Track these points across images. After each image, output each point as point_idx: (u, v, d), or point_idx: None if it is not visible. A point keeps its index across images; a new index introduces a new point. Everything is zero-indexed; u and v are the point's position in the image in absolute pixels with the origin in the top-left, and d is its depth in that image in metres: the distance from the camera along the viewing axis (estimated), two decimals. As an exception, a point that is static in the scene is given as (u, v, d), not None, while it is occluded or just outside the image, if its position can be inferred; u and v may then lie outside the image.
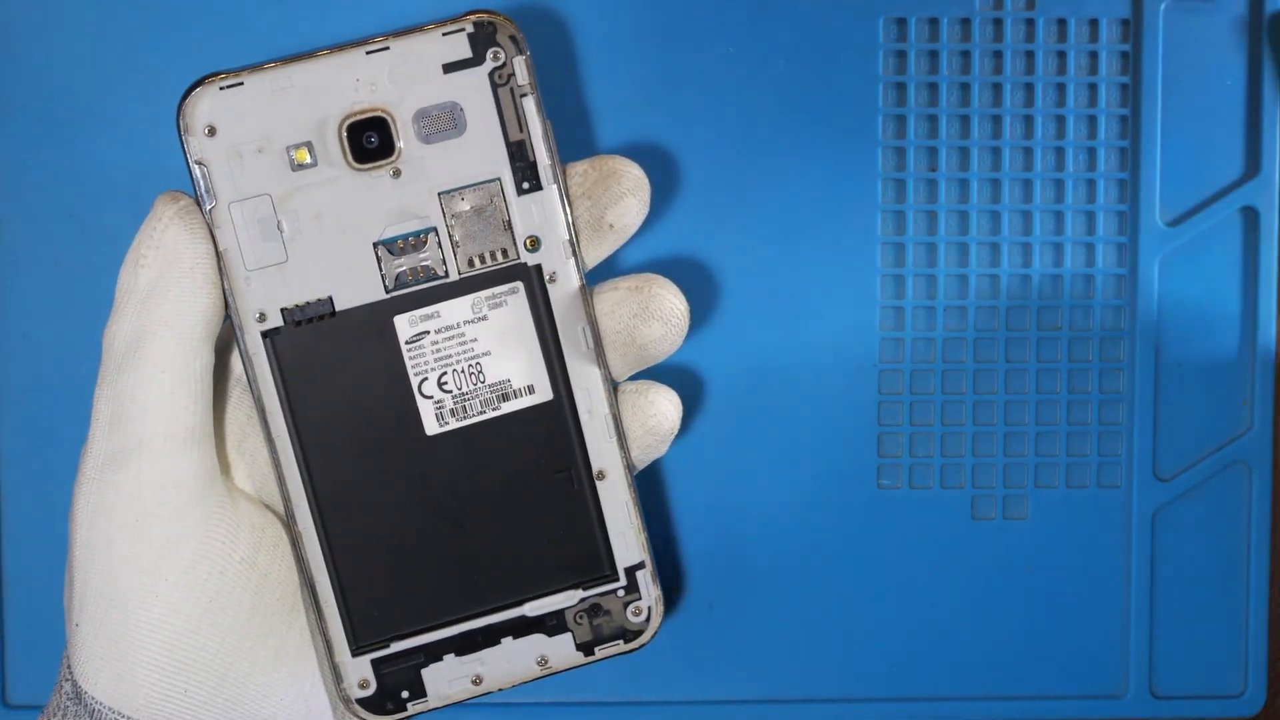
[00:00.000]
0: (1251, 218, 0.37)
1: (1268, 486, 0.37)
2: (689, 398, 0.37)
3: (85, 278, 0.36)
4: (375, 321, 0.30)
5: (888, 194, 0.37)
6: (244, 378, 0.31)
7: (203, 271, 0.29)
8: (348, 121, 0.29)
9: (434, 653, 0.32)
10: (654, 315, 0.31)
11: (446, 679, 0.32)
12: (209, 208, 0.29)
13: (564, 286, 0.31)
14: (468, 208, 0.30)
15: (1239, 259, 0.37)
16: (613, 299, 0.31)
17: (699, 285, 0.37)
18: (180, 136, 0.29)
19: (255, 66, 0.29)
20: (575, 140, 0.36)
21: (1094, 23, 0.37)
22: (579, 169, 0.31)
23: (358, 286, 0.30)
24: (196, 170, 0.29)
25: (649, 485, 0.37)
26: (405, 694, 0.32)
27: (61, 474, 0.36)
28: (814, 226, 0.37)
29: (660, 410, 0.32)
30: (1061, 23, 0.37)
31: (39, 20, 0.36)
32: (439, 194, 0.30)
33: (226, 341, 0.31)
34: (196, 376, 0.29)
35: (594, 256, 0.31)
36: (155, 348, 0.29)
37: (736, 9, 0.36)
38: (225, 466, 0.31)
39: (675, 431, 0.32)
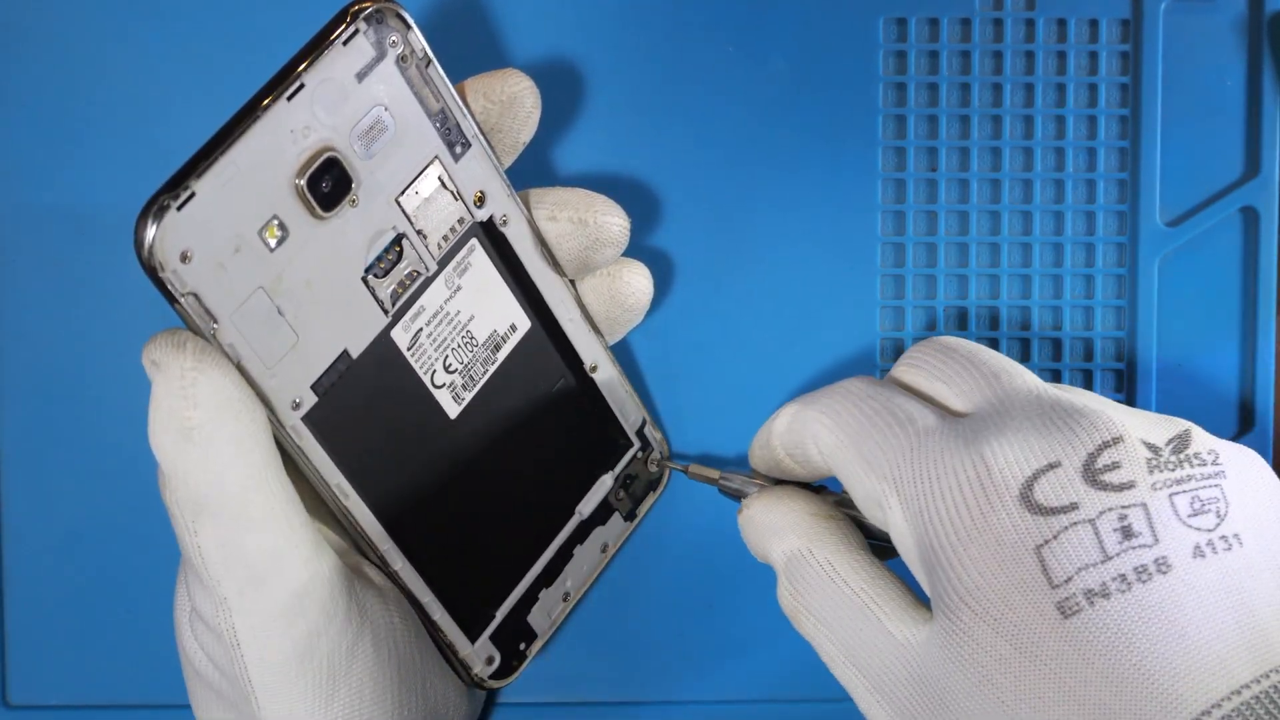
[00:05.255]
0: (1251, 218, 0.37)
1: (1268, 486, 0.37)
2: (688, 397, 0.37)
3: (85, 278, 0.36)
4: (381, 347, 0.30)
5: (888, 194, 0.37)
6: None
7: (249, 398, 0.27)
8: (305, 177, 0.27)
9: (531, 597, 0.34)
10: (605, 243, 0.32)
11: (546, 610, 0.34)
12: (212, 331, 0.27)
13: (515, 224, 0.31)
14: (423, 198, 0.29)
15: (1239, 259, 0.37)
16: (555, 231, 0.32)
17: (699, 285, 0.37)
18: (154, 278, 0.26)
19: (195, 166, 0.26)
20: (573, 140, 0.36)
21: (1094, 23, 0.37)
22: (476, 105, 0.30)
23: (363, 325, 0.29)
24: (188, 303, 0.26)
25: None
26: (522, 645, 0.34)
27: (62, 474, 0.36)
28: (814, 226, 0.36)
29: (636, 287, 0.33)
30: (1061, 23, 0.37)
31: (39, 20, 0.36)
32: (395, 200, 0.29)
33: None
34: (294, 495, 0.28)
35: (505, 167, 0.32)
36: (253, 499, 0.27)
37: (736, 9, 0.36)
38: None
39: (650, 301, 0.34)
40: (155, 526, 0.35)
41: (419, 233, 0.29)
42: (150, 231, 0.25)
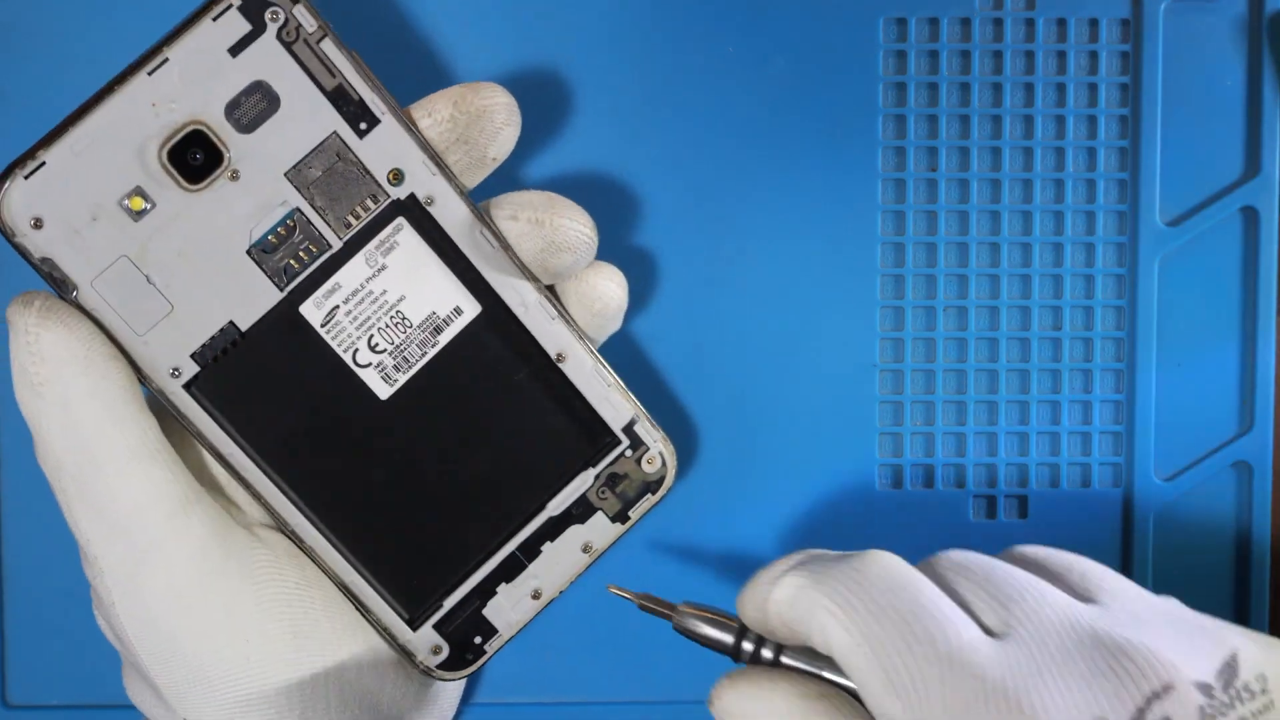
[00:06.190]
0: (1251, 218, 0.37)
1: (1268, 486, 0.37)
2: (688, 397, 0.37)
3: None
4: (285, 322, 0.30)
5: (888, 194, 0.37)
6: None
7: (99, 352, 0.27)
8: (165, 150, 0.28)
9: (486, 590, 0.33)
10: (562, 249, 0.30)
11: (509, 607, 0.33)
12: (72, 295, 0.28)
13: (445, 204, 0.30)
14: (319, 173, 0.29)
15: (1239, 259, 0.37)
16: (514, 231, 0.30)
17: (699, 285, 0.37)
18: (10, 242, 0.27)
19: (48, 137, 0.27)
20: (573, 140, 0.36)
21: (1094, 23, 0.37)
22: (443, 114, 0.30)
23: (253, 298, 0.29)
24: (44, 267, 0.28)
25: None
26: (478, 639, 0.33)
27: (61, 474, 0.36)
28: (814, 226, 0.36)
29: (603, 291, 0.31)
30: (1061, 23, 0.37)
31: (39, 20, 0.36)
32: (285, 174, 0.29)
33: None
34: (157, 447, 0.28)
35: (474, 182, 0.31)
36: (105, 449, 0.27)
37: (736, 9, 0.36)
38: (228, 503, 0.31)
39: (625, 306, 0.32)
40: (155, 526, 0.35)
41: (317, 209, 0.29)
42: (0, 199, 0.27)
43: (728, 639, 0.27)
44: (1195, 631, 0.25)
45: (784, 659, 0.27)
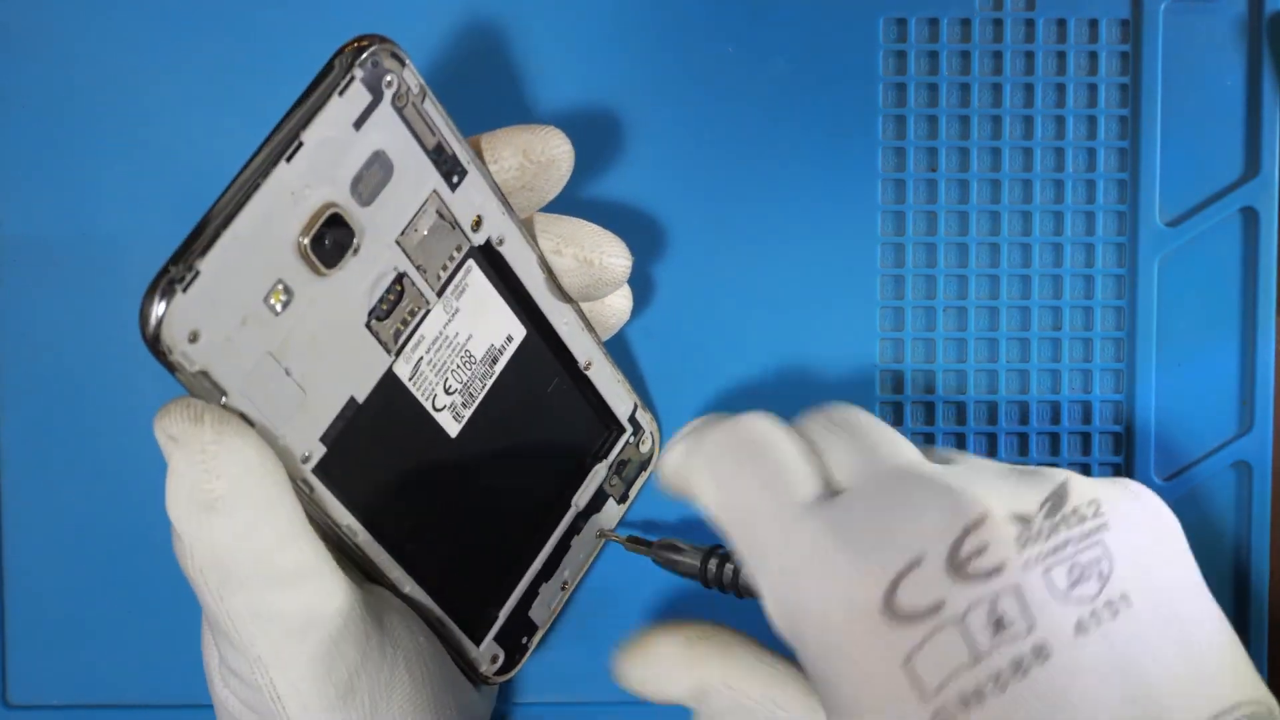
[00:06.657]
0: (1251, 218, 0.37)
1: (1268, 486, 0.37)
2: (688, 398, 0.37)
3: (85, 278, 0.36)
4: (387, 385, 0.29)
5: (888, 194, 0.37)
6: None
7: (273, 460, 0.26)
8: (308, 239, 0.26)
9: (531, 593, 0.34)
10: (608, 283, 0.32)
11: (546, 602, 0.34)
12: (222, 402, 0.26)
13: (512, 243, 0.30)
14: (424, 234, 0.28)
15: (1239, 259, 0.37)
16: (560, 265, 0.32)
17: (699, 286, 0.37)
18: (163, 360, 0.25)
19: (198, 241, 0.25)
20: (573, 139, 0.36)
21: (1094, 23, 0.37)
22: (510, 162, 0.30)
23: (367, 368, 0.28)
24: (198, 381, 0.25)
25: (648, 490, 0.37)
26: (524, 639, 0.34)
27: (62, 474, 0.36)
28: (814, 226, 0.36)
29: (619, 309, 0.34)
30: (1061, 23, 0.37)
31: (39, 20, 0.36)
32: (396, 241, 0.28)
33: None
34: (325, 548, 0.27)
35: (524, 215, 0.31)
36: (284, 563, 0.26)
37: (736, 9, 0.36)
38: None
39: (627, 319, 0.34)
40: (155, 526, 0.35)
41: (419, 268, 0.29)
42: (156, 315, 0.24)
43: (694, 563, 0.32)
44: (1030, 476, 0.26)
45: (741, 580, 0.31)
